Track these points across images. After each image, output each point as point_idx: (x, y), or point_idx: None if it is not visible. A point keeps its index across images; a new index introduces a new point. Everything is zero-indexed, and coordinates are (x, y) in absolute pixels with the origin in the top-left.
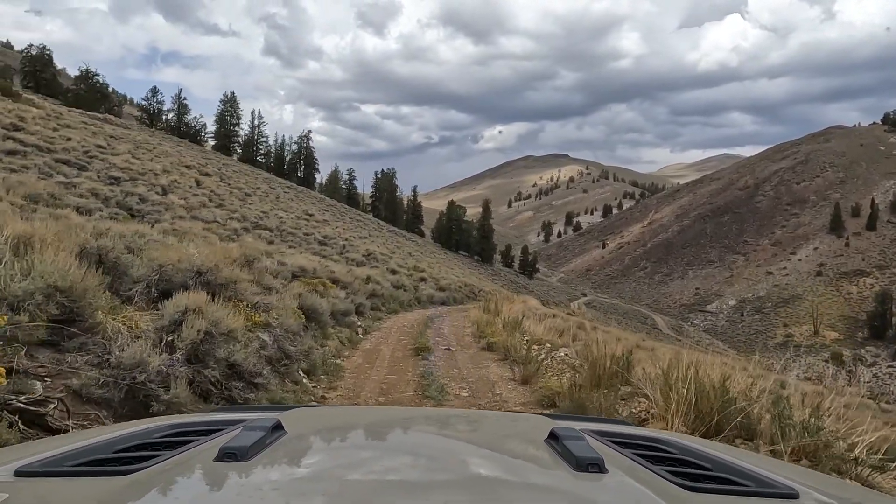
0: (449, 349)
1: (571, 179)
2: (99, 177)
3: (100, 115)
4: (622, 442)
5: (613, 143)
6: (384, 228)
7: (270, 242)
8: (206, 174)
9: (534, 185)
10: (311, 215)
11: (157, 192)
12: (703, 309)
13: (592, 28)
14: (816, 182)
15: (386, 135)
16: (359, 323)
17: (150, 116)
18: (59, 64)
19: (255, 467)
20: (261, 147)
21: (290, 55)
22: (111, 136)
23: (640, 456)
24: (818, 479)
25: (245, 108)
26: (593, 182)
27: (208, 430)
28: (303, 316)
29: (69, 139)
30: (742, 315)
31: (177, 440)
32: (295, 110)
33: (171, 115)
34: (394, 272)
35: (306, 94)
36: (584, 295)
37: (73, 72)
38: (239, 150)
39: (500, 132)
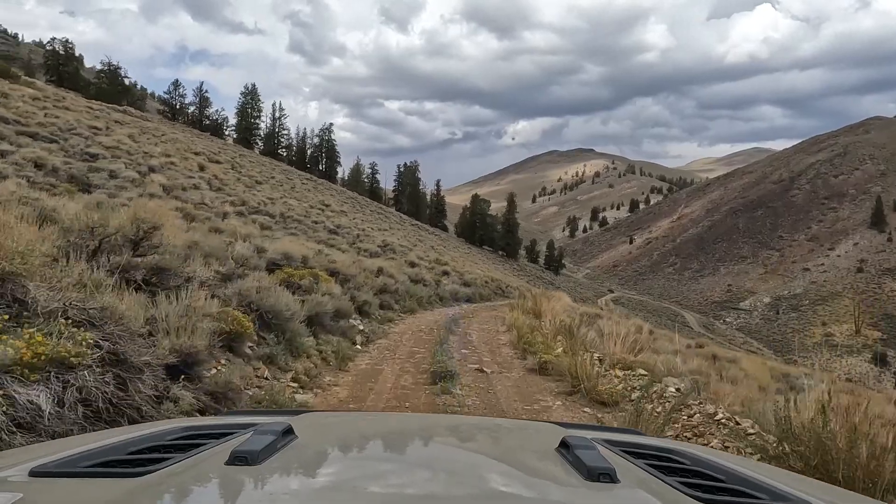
0: (482, 370)
1: (597, 174)
2: (67, 152)
3: (119, 108)
4: (634, 452)
5: (639, 138)
6: (406, 222)
7: (266, 228)
8: (216, 161)
9: (558, 180)
10: (326, 205)
11: (138, 171)
12: (735, 306)
13: (618, 21)
14: (855, 175)
15: (410, 131)
16: (360, 327)
17: (172, 110)
18: (90, 63)
19: (265, 471)
20: (282, 140)
21: (314, 52)
22: (116, 122)
23: (653, 466)
24: (834, 494)
25: (268, 103)
26: (619, 177)
27: (220, 434)
28: (249, 323)
29: (57, 118)
30: (777, 313)
31: (188, 443)
32: (320, 107)
33: (192, 109)
34: (413, 265)
35: (330, 90)
36: (612, 291)
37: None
38: (260, 144)
39: (512, 135)
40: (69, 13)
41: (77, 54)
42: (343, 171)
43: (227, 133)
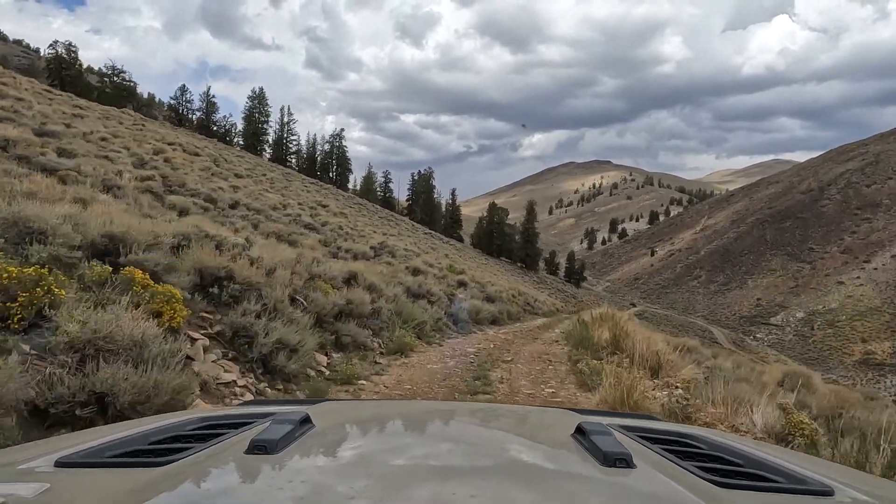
0: None
1: (615, 186)
2: None
3: (116, 110)
4: (650, 437)
5: (656, 150)
6: (419, 230)
7: (183, 211)
8: (195, 154)
9: (575, 192)
10: (324, 206)
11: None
12: (766, 321)
13: (633, 33)
14: (890, 184)
15: (425, 144)
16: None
17: (178, 115)
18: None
19: (284, 460)
20: (290, 146)
21: (330, 67)
22: (99, 118)
23: (670, 451)
24: (853, 476)
25: (276, 109)
26: (638, 188)
27: (238, 424)
28: None
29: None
30: (812, 329)
31: (208, 433)
32: (336, 121)
33: (199, 115)
34: (416, 272)
35: (347, 104)
36: (634, 305)
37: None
38: (268, 151)
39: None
40: (95, 31)
41: (79, 59)
42: (355, 179)
43: (234, 139)
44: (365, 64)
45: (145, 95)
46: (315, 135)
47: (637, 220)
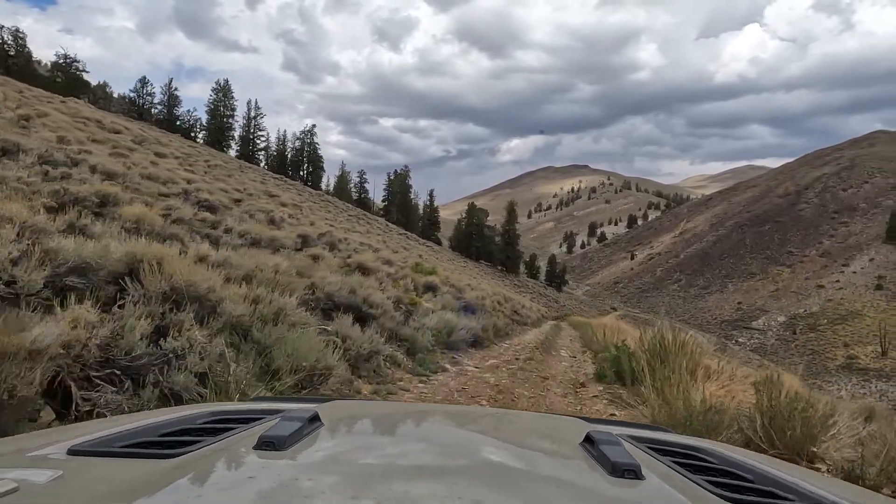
0: None
1: (593, 190)
2: None
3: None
4: (660, 449)
5: (631, 156)
6: (393, 231)
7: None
8: (117, 132)
9: (554, 196)
10: (273, 196)
11: None
12: (748, 325)
13: (609, 40)
14: (865, 188)
15: (404, 148)
16: None
17: (139, 109)
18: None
19: (292, 456)
20: (258, 142)
21: (308, 70)
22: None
23: (679, 464)
24: (866, 497)
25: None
26: (616, 192)
27: (248, 419)
28: None
29: None
30: (794, 333)
31: (218, 427)
32: (315, 124)
33: (161, 109)
34: (365, 271)
35: (325, 108)
36: (615, 309)
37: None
38: (234, 147)
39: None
40: (67, 31)
41: (27, 47)
42: (328, 178)
43: (197, 134)
44: (343, 67)
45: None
46: (285, 131)
47: (616, 224)
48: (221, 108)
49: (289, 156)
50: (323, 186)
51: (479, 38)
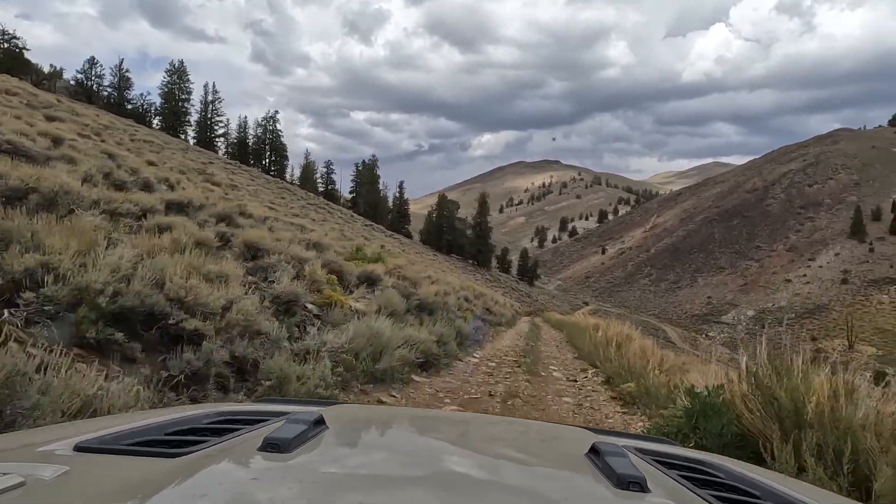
0: None
1: (564, 185)
2: None
3: None
4: (666, 462)
5: (600, 152)
6: (359, 222)
7: None
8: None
9: (525, 191)
10: (205, 173)
11: None
12: (717, 320)
13: (580, 37)
14: (830, 184)
15: (376, 142)
16: None
17: (87, 91)
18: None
19: (296, 459)
20: (216, 128)
21: (277, 62)
22: None
23: (685, 478)
24: None
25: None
26: (586, 188)
27: (253, 420)
28: None
29: None
30: (763, 327)
31: (223, 427)
32: (284, 117)
33: (111, 91)
34: (257, 253)
35: (295, 100)
36: (587, 304)
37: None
38: (191, 133)
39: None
40: (25, 16)
41: None
42: (292, 168)
43: (151, 118)
44: (313, 59)
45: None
46: (245, 117)
47: (587, 219)
48: (176, 92)
49: (250, 143)
50: (288, 177)
51: (451, 32)
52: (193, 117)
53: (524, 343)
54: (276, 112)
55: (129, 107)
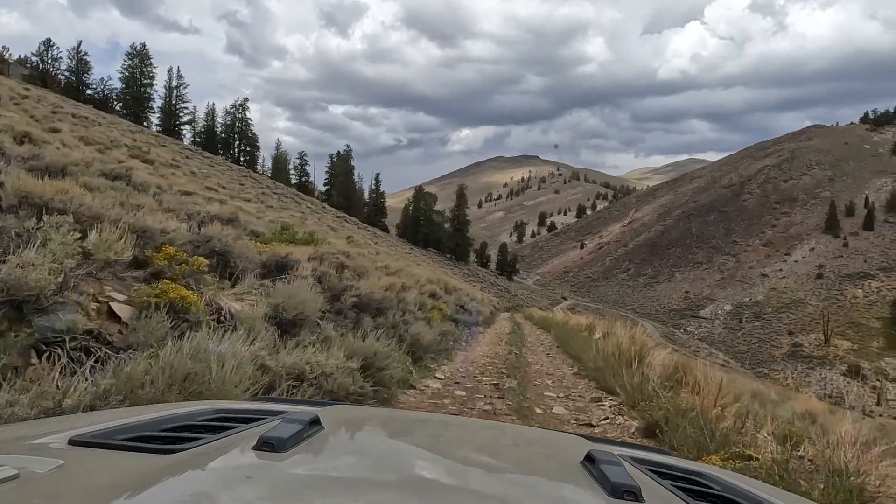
0: None
1: (543, 180)
2: None
3: None
4: (662, 472)
5: (578, 148)
6: (331, 213)
7: None
8: None
9: (504, 186)
10: (143, 151)
11: None
12: (695, 314)
13: (558, 33)
14: (804, 180)
15: (354, 136)
16: None
17: (42, 75)
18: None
19: (290, 458)
20: (181, 115)
21: (253, 54)
22: None
23: (680, 489)
24: None
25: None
26: (565, 183)
27: (249, 419)
28: None
29: None
30: (741, 322)
31: (219, 425)
32: (261, 109)
33: (68, 75)
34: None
35: (272, 93)
36: (565, 299)
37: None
38: (155, 120)
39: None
40: None
41: None
42: (263, 159)
43: (113, 104)
44: (289, 52)
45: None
46: (213, 103)
47: (565, 214)
48: (138, 76)
49: (219, 132)
50: (260, 168)
51: (429, 26)
52: (158, 104)
53: (505, 350)
54: (246, 100)
55: (89, 92)
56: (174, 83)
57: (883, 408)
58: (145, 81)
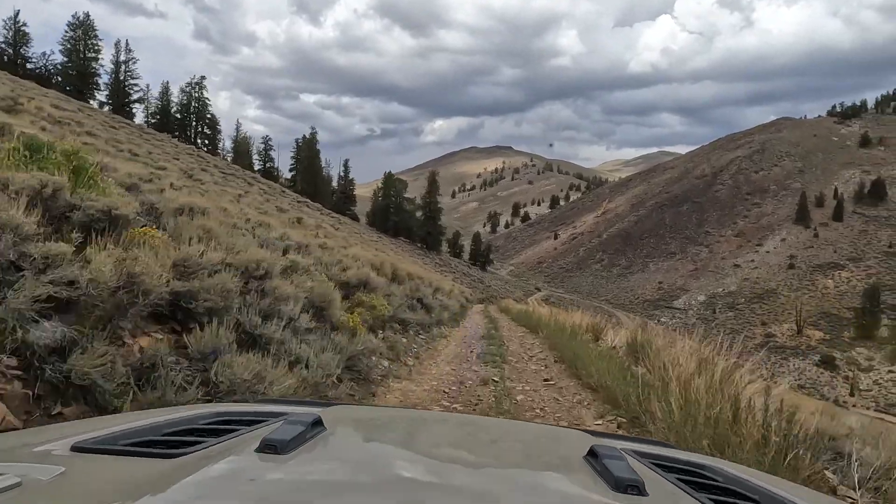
0: None
1: (516, 171)
2: None
3: None
4: (665, 465)
5: (550, 140)
6: (290, 198)
7: None
8: None
9: (478, 176)
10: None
11: None
12: (669, 305)
13: (532, 24)
14: (775, 171)
15: (326, 125)
16: None
17: None
18: None
19: (293, 460)
20: (131, 92)
21: (222, 40)
22: None
23: (683, 481)
24: None
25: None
26: (538, 174)
27: (251, 421)
28: None
29: None
30: (714, 312)
31: (221, 428)
32: (231, 97)
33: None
34: None
35: (242, 80)
36: (539, 290)
37: None
38: (100, 97)
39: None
40: None
41: None
42: (223, 141)
43: (55, 79)
44: (260, 39)
45: None
46: (167, 82)
47: (539, 205)
48: (81, 49)
49: (174, 112)
50: (221, 153)
51: (402, 15)
52: (104, 80)
53: (476, 375)
54: (203, 78)
55: (30, 66)
56: (122, 57)
57: (856, 398)
58: (90, 55)
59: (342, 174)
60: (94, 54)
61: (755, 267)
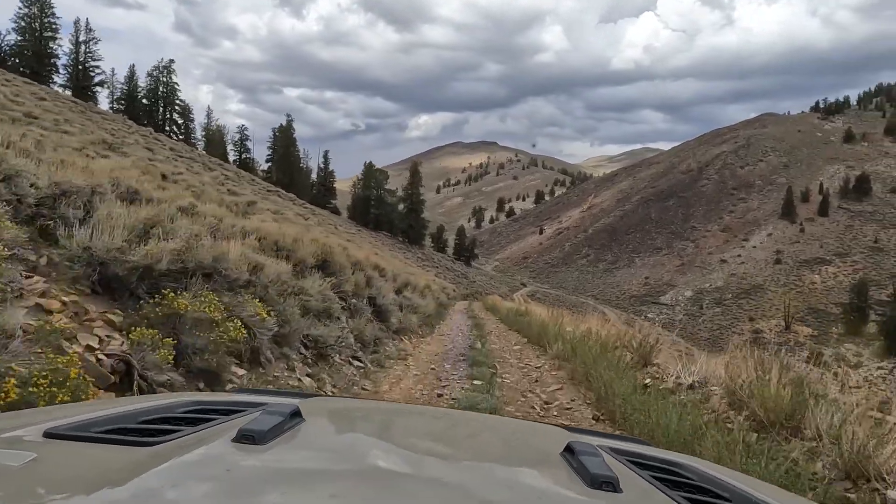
0: None
1: (501, 166)
2: None
3: None
4: (640, 463)
5: (534, 136)
6: (261, 185)
7: None
8: None
9: (463, 171)
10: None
11: None
12: (656, 301)
13: (516, 20)
14: (760, 166)
15: (310, 120)
16: None
17: None
18: None
19: (270, 451)
20: (93, 75)
21: (202, 33)
22: None
23: (657, 479)
24: None
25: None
26: (523, 169)
27: (229, 411)
28: None
29: None
30: (701, 308)
31: (198, 417)
32: (213, 91)
33: None
34: None
35: (223, 74)
36: (524, 285)
37: None
38: (56, 79)
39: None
40: None
41: None
42: (196, 128)
43: (11, 61)
44: (241, 32)
45: None
46: (133, 65)
47: (524, 200)
48: (37, 27)
49: (141, 98)
50: (196, 142)
51: (386, 9)
52: (63, 61)
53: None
54: (171, 61)
55: None
56: (82, 37)
57: (846, 395)
58: (46, 34)
59: (322, 165)
60: (51, 33)
61: (742, 262)
